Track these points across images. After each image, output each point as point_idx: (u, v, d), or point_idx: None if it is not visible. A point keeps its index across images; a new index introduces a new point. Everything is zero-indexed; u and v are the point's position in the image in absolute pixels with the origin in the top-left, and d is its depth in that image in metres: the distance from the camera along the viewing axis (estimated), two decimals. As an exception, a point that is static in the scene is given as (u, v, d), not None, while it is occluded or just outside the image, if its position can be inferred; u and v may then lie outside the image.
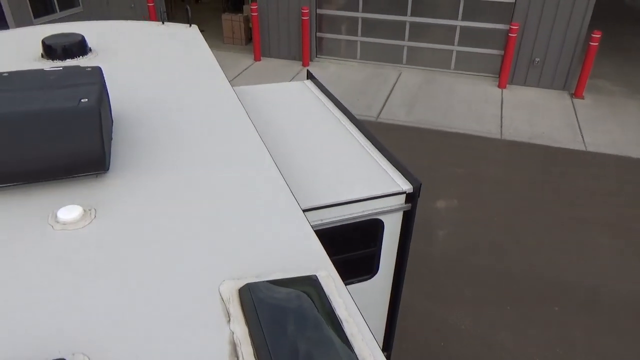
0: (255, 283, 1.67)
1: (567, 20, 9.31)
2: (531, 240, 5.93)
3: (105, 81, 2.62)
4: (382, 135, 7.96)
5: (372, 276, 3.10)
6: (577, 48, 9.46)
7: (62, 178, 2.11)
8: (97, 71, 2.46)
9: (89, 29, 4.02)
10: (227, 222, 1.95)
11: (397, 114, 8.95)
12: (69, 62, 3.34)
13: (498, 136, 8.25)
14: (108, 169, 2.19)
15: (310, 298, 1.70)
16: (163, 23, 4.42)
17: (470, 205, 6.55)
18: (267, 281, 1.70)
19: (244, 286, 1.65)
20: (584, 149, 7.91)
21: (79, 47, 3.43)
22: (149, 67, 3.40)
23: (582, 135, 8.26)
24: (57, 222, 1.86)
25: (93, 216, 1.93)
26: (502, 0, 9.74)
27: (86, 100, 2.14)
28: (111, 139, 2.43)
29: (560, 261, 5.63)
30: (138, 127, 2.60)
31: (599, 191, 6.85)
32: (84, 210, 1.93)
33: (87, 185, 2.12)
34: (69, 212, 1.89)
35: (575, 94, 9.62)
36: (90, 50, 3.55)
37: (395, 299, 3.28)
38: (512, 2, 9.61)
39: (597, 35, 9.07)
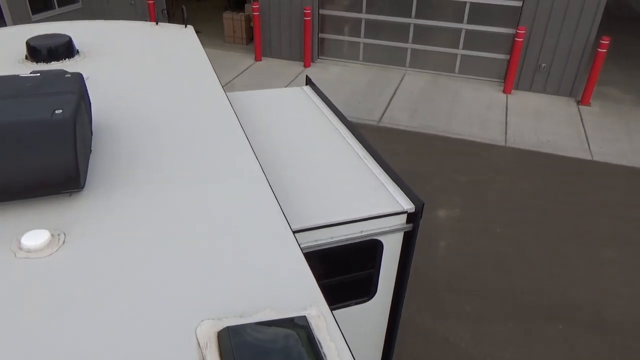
0: (236, 326, 1.49)
1: (575, 26, 9.11)
2: (535, 254, 5.74)
3: (87, 88, 2.45)
4: (383, 140, 7.82)
5: (370, 298, 2.92)
6: (585, 54, 9.26)
7: (31, 198, 1.93)
8: (77, 78, 2.28)
9: (78, 30, 3.84)
10: (209, 250, 1.77)
11: (399, 119, 8.76)
12: (54, 65, 3.16)
13: (502, 143, 8.06)
14: (83, 187, 2.01)
15: (298, 343, 1.52)
16: (157, 23, 4.24)
17: (473, 215, 6.36)
18: (251, 323, 1.52)
19: (223, 329, 1.47)
20: (590, 158, 7.72)
21: (65, 48, 3.25)
22: (138, 71, 3.22)
23: (588, 144, 8.06)
24: (21, 248, 1.69)
25: (61, 242, 1.75)
26: (508, 4, 9.54)
27: (61, 111, 1.97)
28: (90, 152, 2.25)
29: (566, 276, 5.44)
30: (121, 139, 2.42)
31: (605, 203, 6.65)
32: (52, 235, 1.75)
33: (58, 205, 1.94)
34: (35, 238, 1.71)
35: (582, 101, 9.43)
36: (77, 52, 3.38)
37: (394, 320, 3.10)
38: (519, 6, 9.41)
39: (605, 41, 8.87)
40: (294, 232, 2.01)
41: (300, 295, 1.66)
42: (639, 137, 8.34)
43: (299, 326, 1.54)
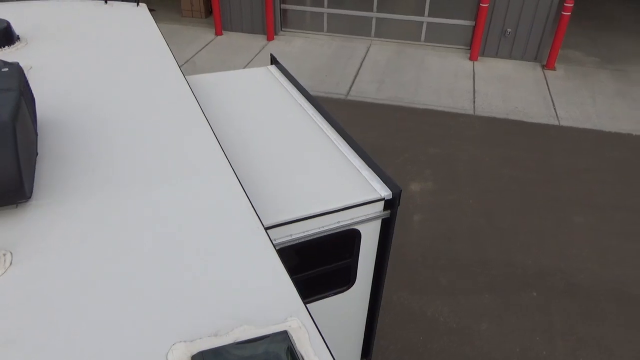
0: (210, 350, 1.36)
1: (539, -11, 9.05)
2: (508, 224, 5.79)
3: (29, 82, 2.21)
4: (352, 115, 7.68)
5: (349, 287, 2.83)
6: (549, 18, 9.24)
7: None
8: (15, 72, 2.04)
9: (17, 12, 3.51)
10: (175, 262, 1.62)
11: (367, 91, 8.61)
12: (-9, 54, 2.87)
13: (471, 112, 8.03)
14: (30, 196, 1.81)
15: (280, 362, 1.40)
16: (106, 2, 3.93)
17: (445, 187, 6.35)
18: (227, 345, 1.39)
19: (197, 355, 1.34)
20: (557, 123, 7.78)
21: (3, 35, 2.96)
22: (87, 58, 2.96)
23: (555, 110, 8.12)
24: (-40, 275, 1.50)
25: (8, 263, 1.57)
26: (472, -32, 9.38)
27: (-4, 113, 1.75)
28: (36, 156, 2.04)
29: (538, 244, 5.51)
30: (71, 138, 2.21)
31: (573, 168, 6.74)
32: (-4, 257, 1.57)
33: (3, 219, 1.74)
34: (-24, 262, 1.53)
35: (547, 66, 9.47)
36: (18, 38, 3.08)
37: (374, 307, 3.03)
38: (483, -29, 9.27)
39: (569, 4, 8.86)
40: (267, 229, 1.88)
41: (279, 306, 1.54)
42: (603, 100, 8.45)
43: (280, 343, 1.43)
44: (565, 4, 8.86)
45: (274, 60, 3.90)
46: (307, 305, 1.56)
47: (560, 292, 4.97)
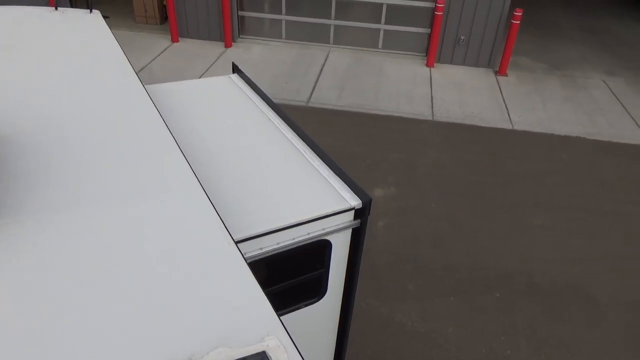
0: (186, 378, 1.29)
1: (490, -2, 9.36)
2: (469, 227, 5.90)
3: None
4: (313, 122, 7.67)
5: (321, 298, 2.79)
6: (500, 26, 9.56)
7: None
8: (-39, 84, 1.90)
9: (-40, 19, 3.30)
10: (144, 284, 1.54)
11: (327, 98, 8.63)
12: None
13: (430, 117, 8.18)
14: (-19, 218, 1.68)
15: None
16: (57, 9, 3.75)
17: (407, 192, 6.42)
18: (203, 370, 1.33)
19: (171, 384, 1.27)
20: (511, 127, 8.03)
21: (-55, 44, 2.76)
22: (40, 68, 2.81)
23: (508, 114, 8.39)
24: None
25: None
26: (427, -23, 9.60)
27: (-58, 129, 1.61)
28: (-13, 173, 1.90)
29: (498, 246, 5.65)
30: (27, 155, 2.07)
31: (529, 171, 6.97)
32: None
33: (-49, 243, 1.60)
34: None
35: (500, 72, 9.78)
36: (-39, 47, 2.89)
37: (346, 317, 3.00)
38: (437, -20, 9.49)
39: (518, 13, 9.19)
40: (237, 242, 1.82)
41: (255, 325, 1.48)
42: (552, 104, 8.80)
43: (259, 364, 1.37)
44: (515, 13, 9.20)
45: (236, 69, 3.83)
46: (280, 317, 1.51)
47: (522, 293, 5.10)
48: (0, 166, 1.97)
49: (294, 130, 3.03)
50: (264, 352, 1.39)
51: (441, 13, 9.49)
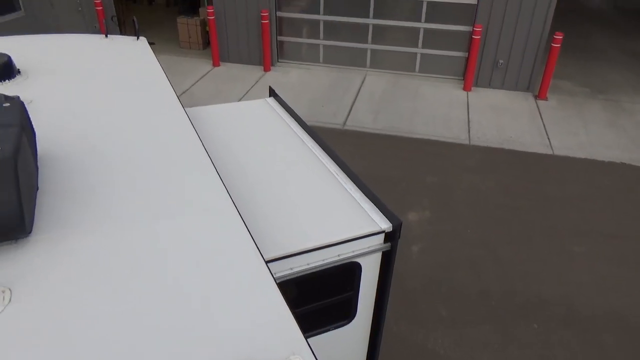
0: (213, 392, 1.33)
1: (530, 22, 9.27)
2: (506, 253, 5.77)
3: (29, 115, 2.21)
4: (349, 144, 7.73)
5: (350, 321, 2.79)
6: (540, 49, 9.44)
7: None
8: (16, 107, 2.05)
9: (19, 46, 3.55)
10: (175, 299, 1.60)
11: (363, 121, 8.70)
12: (-8, 88, 2.88)
13: (467, 142, 8.10)
14: (30, 232, 1.79)
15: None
16: (107, 36, 3.98)
17: (443, 216, 6.34)
18: (229, 386, 1.36)
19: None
20: (551, 152, 7.85)
21: (4, 69, 2.98)
22: (88, 91, 2.98)
23: (548, 139, 8.21)
24: (-43, 314, 1.47)
25: (7, 300, 1.54)
26: (464, 2, 9.62)
27: (-1, 149, 1.74)
28: (36, 190, 2.03)
29: (536, 273, 5.49)
30: (71, 172, 2.20)
31: (569, 196, 6.77)
32: (-5, 294, 1.54)
33: (3, 254, 1.72)
34: (-26, 299, 1.50)
35: (540, 96, 9.62)
36: (18, 72, 3.10)
37: (375, 342, 2.99)
38: (475, 4, 9.50)
39: (559, 36, 9.07)
40: (268, 262, 1.86)
41: (281, 344, 1.51)
42: (595, 129, 8.56)
43: (283, 383, 1.40)
44: (555, 36, 9.07)
45: (272, 93, 3.94)
46: (308, 339, 1.53)
47: (560, 322, 4.92)
48: (44, 183, 2.10)
49: (327, 153, 3.09)
50: (287, 370, 1.41)
51: (479, 37, 9.46)
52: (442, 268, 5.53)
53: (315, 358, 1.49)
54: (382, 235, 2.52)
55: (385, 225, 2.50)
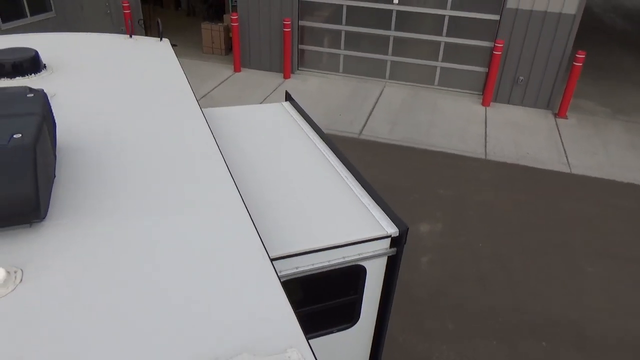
0: (209, 376, 1.37)
1: (552, 39, 9.23)
2: (517, 269, 5.71)
3: (52, 107, 2.30)
4: (364, 153, 7.76)
5: (353, 324, 2.80)
6: (561, 67, 9.38)
7: (-14, 230, 1.78)
8: (39, 98, 2.13)
9: (46, 43, 3.67)
10: (180, 288, 1.64)
11: (379, 131, 8.72)
12: (19, 81, 2.99)
13: (483, 156, 8.07)
14: (45, 217, 1.86)
15: (277, 393, 1.40)
16: (131, 36, 4.10)
17: (455, 229, 6.32)
18: (225, 372, 1.40)
19: (195, 380, 1.35)
20: (568, 171, 7.77)
21: (31, 63, 3.09)
22: (110, 88, 3.07)
23: (566, 157, 8.13)
24: (-29, 289, 1.54)
25: (18, 280, 1.60)
26: (487, 17, 9.62)
27: (20, 135, 1.82)
28: (53, 178, 2.10)
29: (548, 291, 5.42)
30: (88, 163, 2.27)
31: (584, 216, 6.69)
32: (7, 273, 1.60)
33: (17, 237, 1.78)
34: (-12, 276, 1.56)
35: (559, 114, 9.54)
36: (44, 67, 3.21)
37: (377, 347, 2.99)
38: (497, 20, 9.50)
39: (581, 55, 9.00)
40: (273, 260, 1.90)
41: (280, 337, 1.54)
42: (615, 150, 8.45)
43: (278, 373, 1.43)
44: (577, 55, 9.01)
45: (288, 97, 4.00)
46: (310, 340, 1.56)
47: (570, 343, 4.84)
48: (61, 173, 2.18)
49: (338, 158, 3.12)
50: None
51: (500, 52, 9.44)
52: (451, 280, 5.50)
53: (313, 353, 1.52)
54: (388, 240, 2.53)
55: (392, 230, 2.52)
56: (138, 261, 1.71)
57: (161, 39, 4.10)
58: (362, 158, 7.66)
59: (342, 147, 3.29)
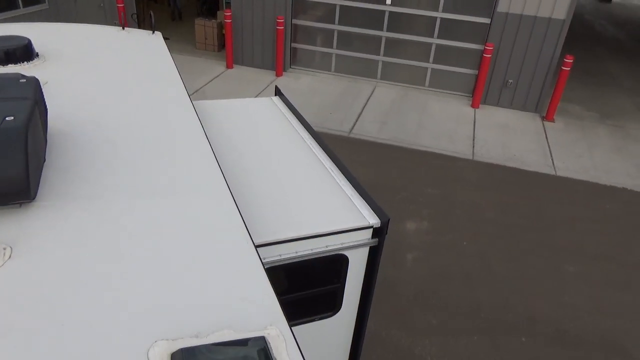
0: (190, 348, 1.43)
1: (541, 44, 9.38)
2: (501, 267, 5.82)
3: (44, 94, 2.35)
4: (353, 152, 7.84)
5: (335, 313, 2.88)
6: (550, 71, 9.53)
7: (-24, 209, 1.83)
8: (32, 83, 2.18)
9: (39, 32, 3.71)
10: (165, 267, 1.70)
11: (369, 130, 8.81)
12: (11, 68, 3.03)
13: (470, 157, 8.18)
14: (34, 198, 1.91)
15: (255, 366, 1.46)
16: (124, 28, 4.14)
17: (440, 228, 6.42)
18: (206, 344, 1.46)
19: (176, 351, 1.41)
20: (554, 173, 7.91)
21: (24, 51, 3.13)
22: (101, 77, 3.12)
23: (552, 159, 8.27)
24: (-39, 264, 1.59)
25: (7, 256, 1.66)
26: (477, 20, 9.75)
27: (12, 118, 1.87)
28: (44, 162, 2.15)
29: (529, 290, 5.53)
30: (78, 149, 2.33)
31: (568, 217, 6.82)
32: (-3, 250, 1.66)
33: (7, 216, 1.84)
34: (-23, 252, 1.62)
35: (547, 117, 9.69)
36: (37, 55, 3.25)
37: (359, 335, 3.07)
38: (488, 23, 9.63)
39: (569, 60, 9.16)
40: (257, 247, 1.96)
41: (260, 315, 1.61)
42: (600, 153, 8.61)
43: (257, 347, 1.49)
44: (565, 60, 9.16)
45: (277, 92, 4.07)
46: (292, 328, 1.63)
47: (549, 340, 4.96)
48: (51, 157, 2.23)
49: (323, 150, 3.20)
50: (263, 337, 1.51)
51: (490, 55, 9.57)
52: (436, 278, 5.59)
53: (291, 331, 1.59)
54: (370, 230, 2.61)
55: (374, 220, 2.59)
56: (124, 242, 1.77)
57: (154, 32, 4.15)
58: (351, 156, 7.74)
59: (332, 145, 3.36)
